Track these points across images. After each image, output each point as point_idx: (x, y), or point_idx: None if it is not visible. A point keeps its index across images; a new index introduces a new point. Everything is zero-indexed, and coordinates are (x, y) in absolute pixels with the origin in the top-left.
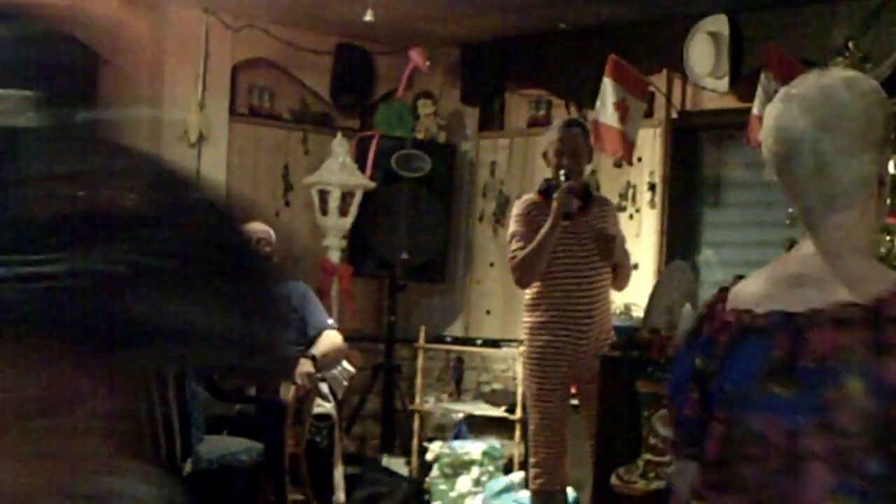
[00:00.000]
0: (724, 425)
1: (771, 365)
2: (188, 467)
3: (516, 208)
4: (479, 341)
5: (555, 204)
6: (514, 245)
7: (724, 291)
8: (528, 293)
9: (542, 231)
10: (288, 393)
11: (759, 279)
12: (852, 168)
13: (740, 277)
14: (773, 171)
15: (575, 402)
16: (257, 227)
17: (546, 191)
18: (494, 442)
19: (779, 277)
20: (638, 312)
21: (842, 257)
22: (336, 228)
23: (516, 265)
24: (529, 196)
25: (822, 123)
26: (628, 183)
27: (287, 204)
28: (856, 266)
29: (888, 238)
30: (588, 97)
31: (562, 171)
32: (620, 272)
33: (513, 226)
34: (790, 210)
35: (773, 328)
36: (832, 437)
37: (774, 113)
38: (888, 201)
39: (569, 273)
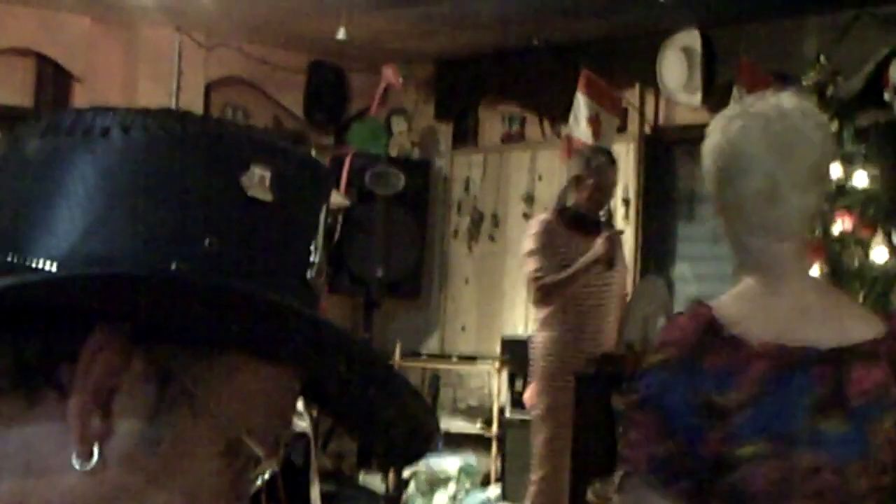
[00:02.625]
0: (774, 462)
1: (816, 401)
2: None
3: (533, 227)
4: (454, 357)
5: (601, 246)
6: (534, 264)
7: (700, 316)
8: (542, 312)
9: (581, 263)
10: None
11: (753, 308)
12: (802, 201)
13: (699, 303)
14: (715, 186)
15: None
16: None
17: (563, 213)
18: (471, 458)
19: (781, 309)
20: None
21: (830, 292)
22: None
23: (542, 288)
24: (546, 216)
25: (783, 152)
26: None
27: None
28: (843, 301)
29: (860, 251)
30: (561, 112)
31: (601, 213)
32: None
33: (530, 244)
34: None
35: (811, 363)
36: (881, 475)
37: (730, 129)
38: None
39: (582, 293)
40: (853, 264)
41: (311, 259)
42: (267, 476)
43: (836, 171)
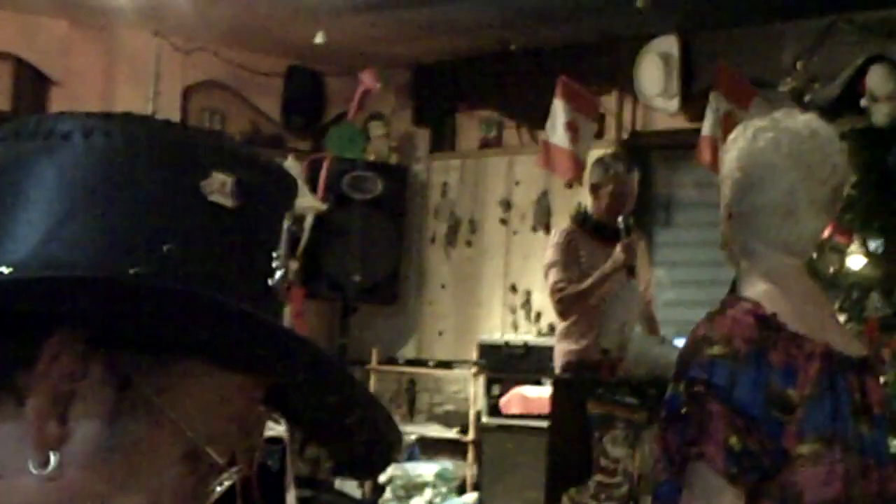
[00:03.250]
0: (835, 465)
1: (854, 406)
2: None
3: (555, 237)
4: (431, 363)
5: (619, 254)
6: (556, 276)
7: (756, 311)
8: (563, 322)
9: (601, 273)
10: None
11: (790, 310)
12: (817, 222)
13: (739, 298)
14: (733, 193)
15: None
16: None
17: (584, 222)
18: (447, 463)
19: (811, 314)
20: None
21: (831, 306)
22: (288, 251)
23: (565, 299)
24: (566, 226)
25: (809, 171)
26: (580, 203)
27: None
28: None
29: (836, 258)
30: (539, 118)
31: (620, 220)
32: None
33: (554, 255)
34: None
35: (847, 369)
36: None
37: (759, 140)
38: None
39: (601, 301)
40: (829, 271)
41: (274, 266)
42: (228, 484)
43: None
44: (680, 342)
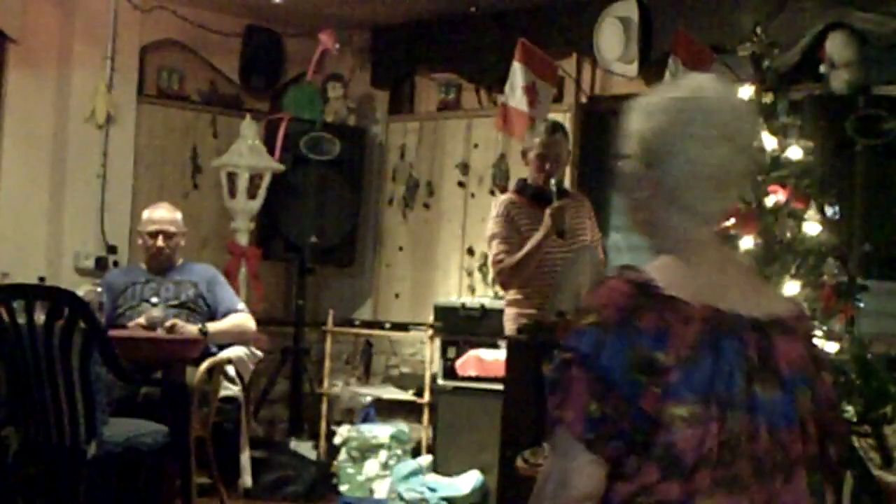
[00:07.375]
0: (712, 425)
1: (750, 366)
2: (92, 450)
3: (496, 209)
4: (387, 325)
5: (548, 219)
6: (497, 247)
7: (633, 278)
8: (508, 292)
9: (533, 242)
10: (194, 376)
11: (681, 276)
12: (743, 185)
13: (628, 267)
14: (646, 168)
15: None
16: (163, 215)
17: (523, 190)
18: (402, 425)
19: (706, 279)
20: None
21: (745, 268)
22: (244, 211)
23: (504, 270)
24: (507, 196)
25: (731, 138)
26: None
27: (195, 186)
28: (757, 277)
29: (793, 224)
30: (498, 81)
31: (552, 181)
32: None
33: (494, 227)
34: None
35: (743, 329)
36: (808, 444)
37: (671, 109)
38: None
39: (545, 270)
40: (786, 237)
41: None
42: None
43: (770, 143)
44: None
